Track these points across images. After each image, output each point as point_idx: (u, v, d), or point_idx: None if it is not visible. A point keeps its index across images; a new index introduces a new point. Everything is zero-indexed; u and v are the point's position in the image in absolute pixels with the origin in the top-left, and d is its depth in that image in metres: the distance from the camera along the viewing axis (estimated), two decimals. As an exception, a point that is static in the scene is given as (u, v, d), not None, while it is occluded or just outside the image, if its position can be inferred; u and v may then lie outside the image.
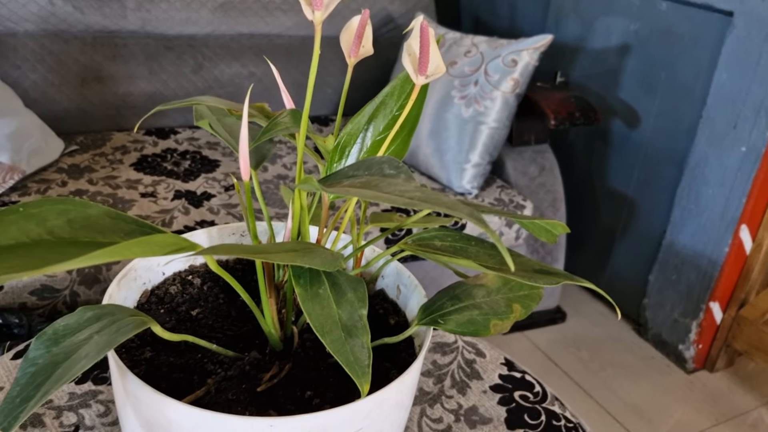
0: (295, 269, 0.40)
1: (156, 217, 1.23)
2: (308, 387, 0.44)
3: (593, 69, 1.84)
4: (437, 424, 0.63)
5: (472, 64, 1.55)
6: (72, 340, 0.38)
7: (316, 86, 1.87)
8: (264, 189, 1.43)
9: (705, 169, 1.57)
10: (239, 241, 0.58)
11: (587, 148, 1.91)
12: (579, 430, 0.64)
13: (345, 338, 0.38)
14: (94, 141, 1.54)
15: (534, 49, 1.50)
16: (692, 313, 1.65)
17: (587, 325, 1.85)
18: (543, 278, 0.43)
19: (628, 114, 1.76)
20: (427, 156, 1.58)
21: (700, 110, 1.57)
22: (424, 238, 0.46)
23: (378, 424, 0.41)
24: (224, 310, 0.51)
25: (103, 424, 0.59)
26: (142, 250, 0.30)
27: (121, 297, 0.48)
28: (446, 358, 0.72)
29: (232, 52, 1.73)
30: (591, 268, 1.98)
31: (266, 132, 0.41)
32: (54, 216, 0.32)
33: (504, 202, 1.54)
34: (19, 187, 1.27)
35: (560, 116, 1.57)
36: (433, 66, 0.40)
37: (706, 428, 1.51)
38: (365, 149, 0.46)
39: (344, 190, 0.33)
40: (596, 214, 1.93)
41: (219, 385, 0.43)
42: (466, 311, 0.47)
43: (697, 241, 1.62)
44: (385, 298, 0.55)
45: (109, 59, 1.59)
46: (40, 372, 0.37)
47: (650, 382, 1.65)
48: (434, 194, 0.31)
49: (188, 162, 1.49)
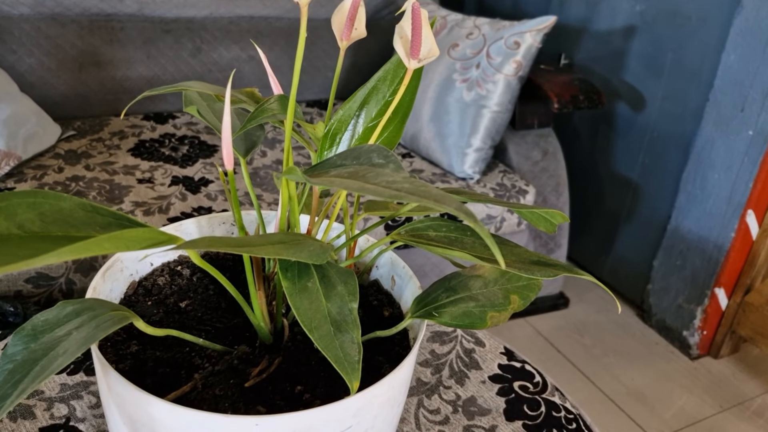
0: (283, 262, 0.39)
1: (153, 203, 1.22)
2: (298, 382, 0.43)
3: (598, 51, 1.81)
4: (434, 415, 0.62)
5: (474, 46, 1.52)
6: (51, 336, 0.36)
7: (315, 70, 1.84)
8: (263, 175, 1.41)
9: (711, 153, 1.54)
10: (230, 231, 0.57)
11: (591, 132, 1.89)
12: (579, 421, 0.63)
13: (334, 333, 0.37)
14: (92, 126, 1.52)
15: (537, 30, 1.47)
16: (697, 299, 1.63)
17: (590, 311, 1.84)
18: (541, 270, 0.41)
19: (634, 97, 1.73)
20: (428, 140, 1.56)
21: (707, 93, 1.54)
22: (417, 228, 0.45)
23: (368, 421, 0.40)
24: (214, 302, 0.50)
25: (95, 415, 0.58)
26: (116, 245, 0.29)
27: (106, 289, 0.47)
28: (445, 348, 0.71)
29: (231, 35, 1.71)
30: (594, 253, 1.96)
31: (252, 119, 0.40)
32: (24, 209, 0.30)
33: (506, 187, 1.52)
34: (15, 174, 1.26)
35: (564, 99, 1.55)
36: (425, 49, 0.39)
37: (711, 415, 1.50)
38: (357, 136, 0.45)
39: (329, 180, 0.32)
40: (600, 199, 1.91)
41: (206, 380, 0.42)
42: (462, 303, 0.46)
43: (702, 227, 1.60)
44: (380, 289, 0.53)
45: (106, 43, 1.57)
46: (17, 369, 0.35)
47: (654, 368, 1.64)
48: (423, 185, 0.29)
49: (186, 147, 1.47)
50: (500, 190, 1.51)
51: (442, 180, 1.51)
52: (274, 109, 0.42)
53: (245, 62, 1.73)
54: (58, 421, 0.57)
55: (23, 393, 0.34)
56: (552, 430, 0.61)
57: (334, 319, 0.38)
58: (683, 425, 1.46)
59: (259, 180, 1.39)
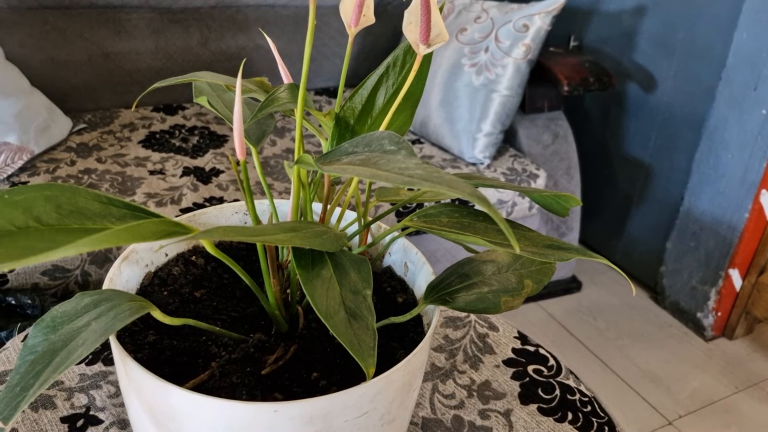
0: (296, 250, 0.39)
1: (165, 194, 1.23)
2: (314, 368, 0.43)
3: (608, 32, 1.79)
4: (449, 399, 0.62)
5: (483, 30, 1.51)
6: (70, 327, 0.37)
7: (323, 58, 1.84)
8: (273, 164, 1.41)
9: (724, 132, 1.52)
10: (243, 220, 0.57)
11: (602, 114, 1.87)
12: (594, 403, 0.63)
13: (349, 320, 0.37)
14: (102, 118, 1.53)
15: (546, 13, 1.46)
16: (711, 280, 1.63)
17: (603, 294, 1.83)
18: (554, 254, 0.41)
19: (645, 77, 1.72)
20: (437, 126, 1.56)
21: (720, 72, 1.52)
22: (430, 214, 0.45)
23: (385, 406, 0.40)
24: (228, 291, 0.50)
25: (114, 404, 0.59)
26: (132, 237, 0.29)
27: (122, 280, 0.47)
28: (458, 333, 0.71)
29: (238, 24, 1.70)
30: (607, 236, 1.95)
31: (262, 108, 0.40)
32: (41, 203, 0.31)
33: (517, 172, 1.51)
34: (29, 168, 1.27)
35: (574, 82, 1.53)
36: (434, 34, 0.38)
37: (726, 396, 1.49)
38: (367, 123, 0.45)
39: (341, 168, 0.32)
40: (612, 181, 1.90)
41: (223, 369, 0.42)
42: (475, 288, 0.46)
43: (716, 207, 1.58)
44: (393, 276, 0.53)
45: (114, 35, 1.57)
46: (38, 360, 0.36)
47: (668, 350, 1.64)
48: (435, 171, 0.29)
49: (196, 138, 1.48)
50: (511, 174, 1.51)
51: (452, 165, 1.50)
52: (285, 98, 0.42)
53: (253, 51, 1.73)
54: (78, 411, 0.58)
55: (45, 383, 0.34)
56: (567, 413, 0.61)
57: (349, 306, 0.38)
58: (698, 406, 1.46)
59: (270, 169, 1.39)
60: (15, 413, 0.34)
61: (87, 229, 0.31)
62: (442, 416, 0.60)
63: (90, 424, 0.57)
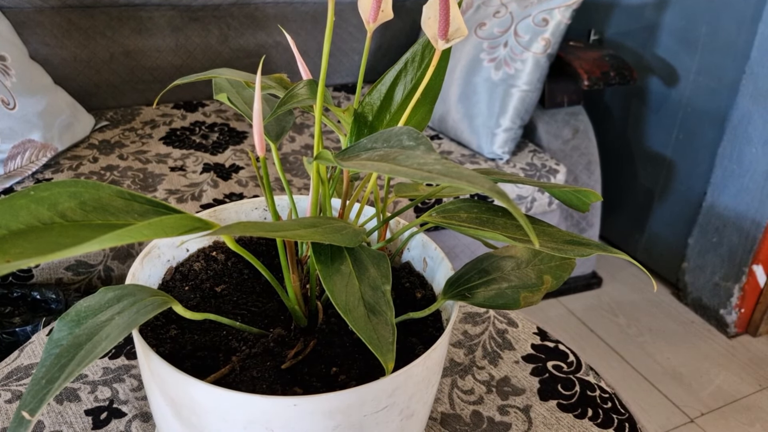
0: (316, 245, 0.39)
1: (185, 191, 1.24)
2: (334, 363, 0.43)
3: (629, 25, 1.77)
4: (468, 395, 0.62)
5: (502, 24, 1.50)
6: (94, 321, 0.38)
7: (342, 54, 1.84)
8: (292, 160, 1.42)
9: (748, 127, 1.50)
10: (263, 216, 0.57)
11: (623, 109, 1.85)
12: (614, 400, 0.62)
13: (368, 315, 0.37)
14: (124, 116, 1.55)
15: (566, 6, 1.45)
16: (734, 276, 1.60)
17: (624, 290, 1.81)
18: (574, 249, 0.41)
19: (667, 72, 1.69)
20: (456, 121, 1.55)
21: (743, 65, 1.49)
22: (448, 209, 0.45)
23: (404, 401, 0.40)
24: (249, 286, 0.51)
25: (137, 398, 0.60)
26: (154, 232, 0.29)
27: (144, 275, 0.48)
28: (477, 329, 0.71)
29: (257, 21, 1.71)
30: (628, 231, 1.93)
31: (282, 105, 0.40)
32: (66, 199, 0.31)
33: (536, 167, 1.50)
34: (53, 165, 1.29)
35: (594, 76, 1.52)
36: (453, 29, 0.38)
37: (749, 394, 1.47)
38: (386, 119, 0.45)
39: (360, 164, 0.32)
40: (633, 177, 1.88)
41: (244, 363, 0.43)
42: (495, 284, 0.46)
43: (739, 202, 1.56)
44: (412, 271, 0.53)
45: (135, 33, 1.59)
46: (63, 353, 0.37)
47: (690, 347, 1.62)
48: (455, 167, 0.29)
49: (216, 134, 1.49)
50: (530, 169, 1.50)
51: (471, 161, 1.50)
52: (304, 95, 0.42)
53: (272, 47, 1.74)
54: (102, 404, 0.59)
55: (70, 376, 0.35)
56: (587, 409, 0.61)
57: (368, 301, 0.38)
58: (721, 404, 1.44)
59: (289, 165, 1.40)
60: (41, 405, 0.35)
61: (110, 225, 0.32)
62: (461, 411, 0.60)
63: (113, 417, 0.57)
